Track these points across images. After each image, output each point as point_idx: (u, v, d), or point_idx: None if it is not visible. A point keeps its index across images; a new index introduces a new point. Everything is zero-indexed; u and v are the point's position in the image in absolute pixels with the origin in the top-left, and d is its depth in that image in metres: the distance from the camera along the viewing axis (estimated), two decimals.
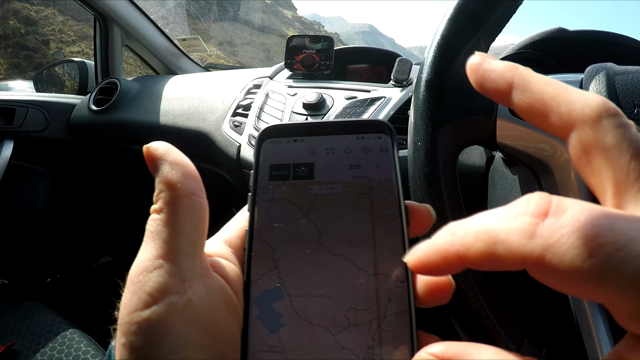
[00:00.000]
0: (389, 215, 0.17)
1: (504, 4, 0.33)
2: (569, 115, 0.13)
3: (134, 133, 1.05)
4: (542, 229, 0.11)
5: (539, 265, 0.11)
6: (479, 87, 0.16)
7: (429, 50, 0.34)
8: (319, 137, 0.19)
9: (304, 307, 0.16)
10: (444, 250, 0.13)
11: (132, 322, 0.14)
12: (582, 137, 0.13)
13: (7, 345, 0.71)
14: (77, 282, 1.31)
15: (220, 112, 0.85)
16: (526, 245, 0.11)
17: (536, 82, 0.14)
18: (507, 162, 0.45)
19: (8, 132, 1.07)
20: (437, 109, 0.33)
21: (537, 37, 0.67)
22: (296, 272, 0.17)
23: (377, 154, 0.19)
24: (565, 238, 0.11)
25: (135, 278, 0.15)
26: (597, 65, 0.33)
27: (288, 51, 0.85)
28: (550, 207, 0.12)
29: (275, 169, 0.19)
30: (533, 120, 0.14)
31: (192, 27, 25.32)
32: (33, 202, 1.17)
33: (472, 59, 0.16)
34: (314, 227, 0.18)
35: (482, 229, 0.12)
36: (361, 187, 0.18)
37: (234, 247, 0.19)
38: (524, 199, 0.12)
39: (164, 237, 0.15)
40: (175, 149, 0.17)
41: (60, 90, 1.34)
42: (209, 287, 0.16)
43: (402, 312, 0.16)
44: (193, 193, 0.16)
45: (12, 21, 15.40)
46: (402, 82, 0.69)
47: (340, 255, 0.17)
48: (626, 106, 0.29)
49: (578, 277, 0.11)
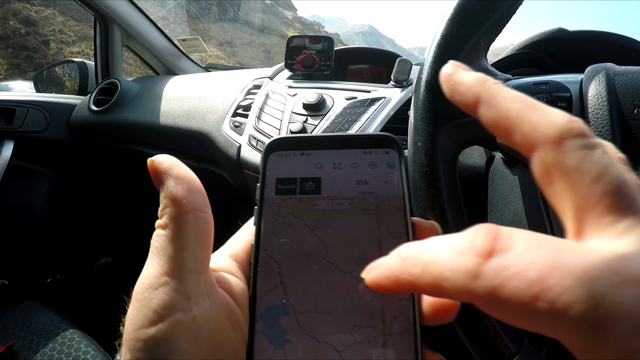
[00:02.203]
0: (396, 233, 0.17)
1: (504, 4, 0.33)
2: (531, 134, 0.13)
3: (134, 133, 1.05)
4: (486, 270, 0.11)
5: (485, 304, 0.11)
6: (450, 98, 0.16)
7: (429, 51, 0.34)
8: (326, 151, 0.19)
9: (310, 323, 0.16)
10: (395, 276, 0.13)
11: (137, 338, 0.15)
12: (543, 158, 0.13)
13: (7, 345, 0.71)
14: (77, 282, 1.31)
15: (221, 113, 0.85)
16: (470, 285, 0.11)
17: (502, 98, 0.14)
18: (508, 163, 0.45)
19: (8, 132, 1.07)
20: (437, 110, 0.33)
21: (537, 37, 0.67)
22: (302, 288, 0.17)
23: (384, 170, 0.19)
24: (508, 281, 0.11)
25: (140, 294, 0.15)
26: (597, 65, 0.33)
27: (288, 52, 0.85)
28: (496, 245, 0.11)
29: (281, 183, 0.19)
30: (499, 136, 0.14)
31: (192, 28, 25.33)
32: (33, 202, 1.17)
33: (445, 69, 0.16)
34: (320, 243, 0.17)
35: (429, 261, 0.12)
36: (368, 203, 0.18)
37: (240, 261, 0.19)
38: (472, 231, 0.12)
39: (169, 254, 0.15)
40: (179, 162, 0.17)
41: (61, 91, 1.34)
42: (214, 303, 0.16)
43: (407, 330, 0.16)
44: (198, 208, 0.16)
45: (12, 22, 15.40)
46: (402, 82, 0.69)
47: (346, 272, 0.17)
48: (626, 106, 0.29)
49: (524, 318, 0.11)
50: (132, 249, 1.44)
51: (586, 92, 0.32)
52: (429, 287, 0.12)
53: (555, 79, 0.35)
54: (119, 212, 1.39)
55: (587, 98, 0.31)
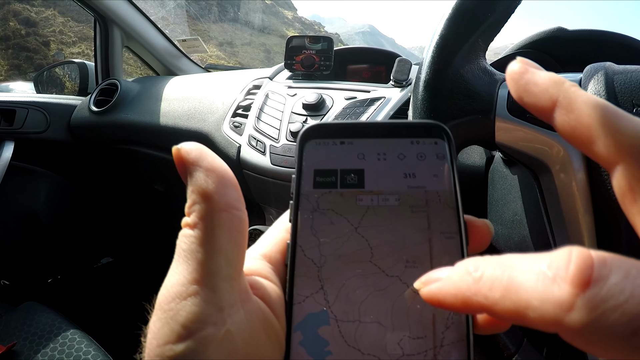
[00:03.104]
0: (448, 232, 0.16)
1: (502, 3, 0.33)
2: (616, 146, 0.12)
3: (134, 134, 1.05)
4: (582, 303, 0.10)
5: (574, 336, 0.10)
6: (519, 99, 0.14)
7: (428, 51, 0.34)
8: (369, 140, 0.17)
9: (353, 333, 0.15)
10: (465, 297, 0.12)
11: (163, 355, 0.13)
12: (628, 172, 0.12)
13: (8, 346, 0.71)
14: (77, 282, 1.31)
15: (221, 113, 0.85)
16: (562, 317, 0.10)
17: (583, 103, 0.13)
18: (507, 162, 0.45)
19: (9, 133, 1.07)
20: (436, 109, 0.33)
21: (537, 36, 0.67)
22: (345, 294, 0.15)
23: (434, 162, 0.17)
24: (607, 315, 0.10)
25: (166, 305, 0.13)
26: (596, 64, 0.33)
27: (288, 52, 0.86)
28: (593, 273, 0.10)
29: (320, 175, 0.17)
30: (575, 144, 0.13)
31: (192, 28, 25.33)
32: (33, 203, 1.18)
33: (513, 66, 0.14)
34: (365, 243, 0.16)
35: (512, 287, 0.11)
36: (417, 199, 0.16)
37: (274, 263, 0.17)
38: (563, 255, 0.11)
39: (199, 258, 0.14)
40: (210, 151, 0.15)
41: (61, 92, 1.35)
42: (249, 313, 0.14)
43: (460, 342, 0.14)
44: (232, 205, 0.14)
45: (12, 22, 15.41)
46: (401, 82, 0.69)
47: (394, 277, 0.15)
48: (625, 106, 0.29)
49: (614, 351, 0.10)
50: (133, 249, 1.44)
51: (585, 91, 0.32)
52: (509, 314, 0.11)
53: None
54: (119, 213, 1.39)
55: None
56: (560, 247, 0.11)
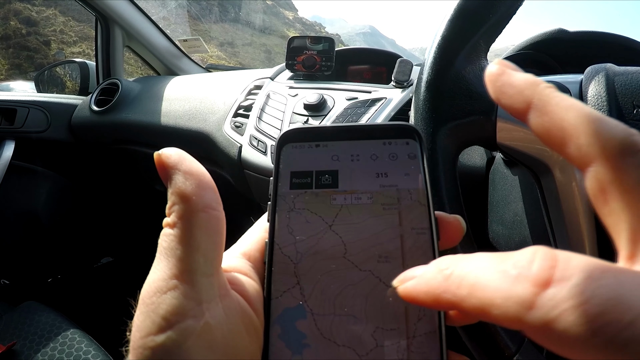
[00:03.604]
0: (419, 228, 0.16)
1: (504, 4, 0.33)
2: (588, 148, 0.12)
3: (135, 134, 1.05)
4: (542, 301, 0.10)
5: (536, 334, 0.11)
6: (496, 101, 0.15)
7: (429, 51, 0.34)
8: (343, 142, 0.18)
9: (329, 326, 0.15)
10: (435, 294, 0.12)
11: (145, 346, 0.14)
12: (600, 174, 0.12)
13: (8, 345, 0.71)
14: (78, 282, 1.31)
15: (222, 113, 0.85)
16: (524, 315, 0.10)
17: (556, 106, 0.13)
18: (508, 163, 0.45)
19: (9, 132, 1.07)
20: (437, 110, 0.33)
21: (537, 37, 0.67)
22: (320, 288, 0.16)
23: (405, 162, 0.18)
24: (567, 315, 0.10)
25: (148, 299, 0.14)
26: (596, 65, 0.33)
27: (289, 52, 0.86)
28: (555, 273, 0.10)
29: (296, 176, 0.18)
30: (550, 146, 0.13)
31: (193, 28, 25.34)
32: (34, 202, 1.18)
33: (491, 69, 0.15)
34: (339, 240, 0.16)
35: (477, 284, 0.11)
36: (389, 197, 0.17)
37: (253, 260, 0.18)
38: (526, 255, 0.11)
39: (179, 255, 0.14)
40: (189, 156, 0.16)
41: (62, 91, 1.35)
42: (227, 307, 0.15)
43: (432, 333, 0.15)
44: (209, 206, 0.15)
45: (13, 22, 15.42)
46: (402, 83, 0.69)
47: (367, 272, 0.16)
48: (625, 107, 0.29)
49: (577, 351, 0.10)
50: (133, 249, 1.44)
51: (586, 92, 0.32)
52: (474, 311, 0.11)
53: (555, 79, 0.35)
54: (119, 213, 1.39)
55: (586, 98, 0.31)
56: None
